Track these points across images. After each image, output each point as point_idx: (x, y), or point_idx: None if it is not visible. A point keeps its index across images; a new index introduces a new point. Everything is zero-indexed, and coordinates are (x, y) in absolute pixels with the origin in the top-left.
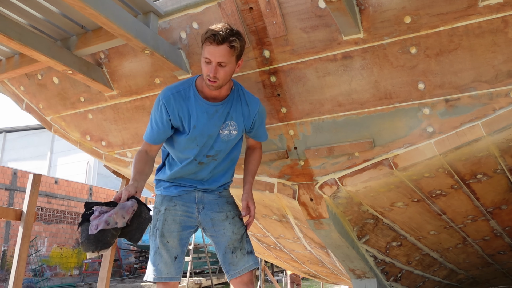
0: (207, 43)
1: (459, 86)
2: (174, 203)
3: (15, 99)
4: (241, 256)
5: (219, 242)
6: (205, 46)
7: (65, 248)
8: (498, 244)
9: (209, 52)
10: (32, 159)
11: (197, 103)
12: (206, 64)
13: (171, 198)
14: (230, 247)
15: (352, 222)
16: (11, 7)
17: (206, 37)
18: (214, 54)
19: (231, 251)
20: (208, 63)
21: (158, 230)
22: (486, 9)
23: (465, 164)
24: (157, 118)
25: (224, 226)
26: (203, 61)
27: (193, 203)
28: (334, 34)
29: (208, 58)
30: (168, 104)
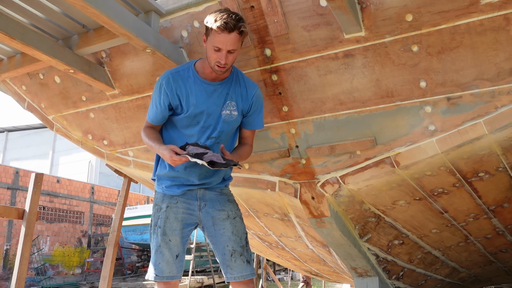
0: (217, 31)
1: (461, 84)
2: (176, 200)
3: (17, 98)
4: (240, 262)
5: (218, 242)
6: (214, 34)
7: (67, 247)
8: (500, 242)
9: (219, 41)
10: (34, 158)
11: (196, 83)
12: (215, 52)
13: (172, 196)
14: (229, 249)
15: (354, 220)
16: (12, 7)
17: (217, 26)
18: (225, 43)
19: (230, 253)
20: (217, 51)
21: (159, 228)
22: (488, 6)
23: (467, 162)
24: (157, 99)
25: (224, 226)
26: (212, 48)
27: (195, 200)
28: (335, 32)
29: (218, 47)
30: (167, 84)
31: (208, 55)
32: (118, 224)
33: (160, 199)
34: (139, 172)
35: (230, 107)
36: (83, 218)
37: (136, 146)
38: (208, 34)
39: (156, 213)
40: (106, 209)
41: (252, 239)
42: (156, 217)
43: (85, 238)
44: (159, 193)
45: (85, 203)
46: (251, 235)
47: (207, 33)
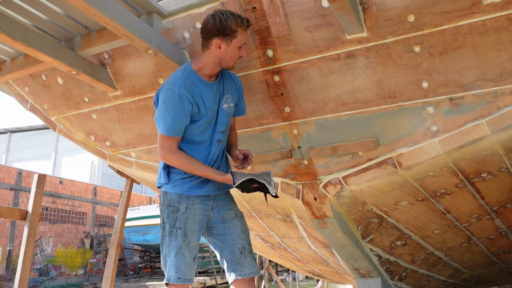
0: (243, 29)
1: (463, 84)
2: (193, 202)
3: (20, 99)
4: (250, 260)
5: (227, 240)
6: (241, 33)
7: (70, 248)
8: (503, 243)
9: (245, 37)
10: (36, 159)
11: (204, 86)
12: (239, 50)
13: (189, 197)
14: (239, 247)
15: (356, 221)
16: (15, 8)
17: (243, 27)
18: (246, 38)
19: (239, 251)
20: (240, 48)
21: (179, 229)
22: (490, 7)
23: (470, 163)
24: (180, 110)
25: (234, 224)
26: (236, 47)
27: (209, 201)
28: (337, 33)
29: (244, 43)
30: (186, 92)
31: (231, 56)
32: (121, 225)
33: (176, 200)
34: (142, 173)
35: (228, 100)
36: (85, 219)
37: (138, 147)
38: (233, 37)
39: (172, 214)
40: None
41: (254, 240)
42: (173, 219)
43: (88, 239)
44: (172, 193)
45: (88, 204)
46: (254, 236)
47: (231, 37)
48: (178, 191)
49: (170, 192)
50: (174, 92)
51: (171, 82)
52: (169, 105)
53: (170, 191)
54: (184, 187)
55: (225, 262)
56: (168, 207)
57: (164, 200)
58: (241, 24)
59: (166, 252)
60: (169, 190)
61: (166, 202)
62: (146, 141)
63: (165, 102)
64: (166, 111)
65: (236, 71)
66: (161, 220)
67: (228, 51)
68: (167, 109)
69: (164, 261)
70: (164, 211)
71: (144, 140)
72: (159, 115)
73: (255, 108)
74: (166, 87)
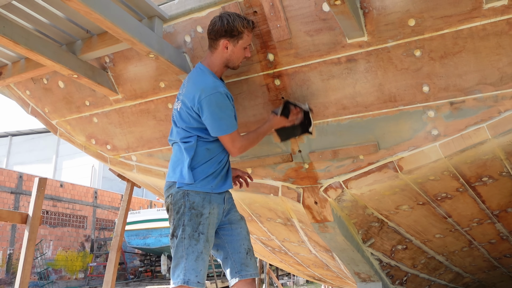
0: (249, 30)
1: (464, 88)
2: (213, 207)
3: (21, 103)
4: (254, 260)
5: (233, 241)
6: (247, 34)
7: (70, 252)
8: (504, 247)
9: (250, 39)
10: (37, 162)
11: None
12: (244, 50)
13: (210, 200)
14: (245, 248)
15: (357, 225)
16: (17, 12)
17: (247, 26)
18: (251, 38)
19: (245, 251)
20: (245, 48)
21: (202, 234)
22: (491, 11)
23: (471, 167)
24: (231, 107)
25: (241, 225)
26: (242, 47)
27: (222, 204)
28: (338, 37)
29: (249, 43)
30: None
31: (237, 56)
32: (121, 229)
33: (200, 203)
34: (142, 176)
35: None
36: (86, 222)
37: (139, 151)
38: (239, 38)
39: (196, 218)
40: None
41: (255, 243)
42: (196, 223)
43: (88, 243)
44: (196, 196)
45: (88, 208)
46: (254, 240)
47: (238, 38)
48: (208, 189)
49: (193, 194)
50: (221, 93)
51: (212, 86)
52: (223, 106)
53: (198, 189)
54: (212, 185)
55: (230, 263)
56: (190, 210)
57: (186, 201)
58: (247, 25)
59: (182, 254)
60: (197, 189)
61: (188, 204)
62: (147, 145)
63: (217, 105)
64: (223, 112)
65: (237, 74)
66: (180, 222)
67: (234, 52)
68: (223, 110)
69: (177, 263)
70: (185, 213)
71: (145, 144)
72: (218, 119)
73: (256, 112)
74: (210, 92)
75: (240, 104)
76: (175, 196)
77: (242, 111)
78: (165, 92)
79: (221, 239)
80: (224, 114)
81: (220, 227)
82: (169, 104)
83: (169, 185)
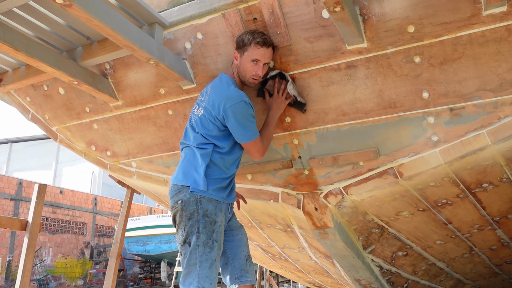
0: (257, 46)
1: (464, 94)
2: (223, 215)
3: (21, 109)
4: (252, 267)
5: (234, 247)
6: (254, 47)
7: (69, 258)
8: (505, 254)
9: (259, 54)
10: (37, 169)
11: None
12: (252, 65)
13: (221, 209)
14: (245, 254)
15: (358, 231)
16: (18, 19)
17: (257, 41)
18: (264, 56)
19: (245, 258)
20: (255, 64)
21: (216, 242)
22: (490, 18)
23: (471, 173)
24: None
25: (241, 232)
26: (249, 61)
27: (227, 212)
28: (337, 43)
29: (258, 59)
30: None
31: (244, 69)
32: (121, 235)
33: (213, 211)
34: (142, 183)
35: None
36: (85, 229)
37: (139, 157)
38: (245, 50)
39: (210, 225)
40: (108, 220)
41: (255, 250)
42: (211, 230)
43: (88, 249)
44: (209, 204)
45: (88, 214)
46: (254, 246)
47: (243, 49)
48: (220, 198)
49: (206, 202)
50: (246, 103)
51: (236, 95)
52: (247, 114)
53: (211, 196)
54: (224, 195)
55: (230, 269)
56: (204, 217)
57: (199, 209)
58: (253, 39)
59: (195, 261)
60: (211, 196)
61: (202, 212)
62: (147, 151)
63: (243, 114)
64: (248, 120)
65: None
66: (194, 229)
67: (241, 63)
68: (248, 118)
69: (190, 270)
70: (199, 221)
71: (145, 150)
72: (244, 127)
73: (256, 118)
74: (235, 101)
75: None
76: (186, 202)
77: None
78: (165, 98)
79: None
80: (249, 122)
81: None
82: (169, 111)
83: (178, 190)
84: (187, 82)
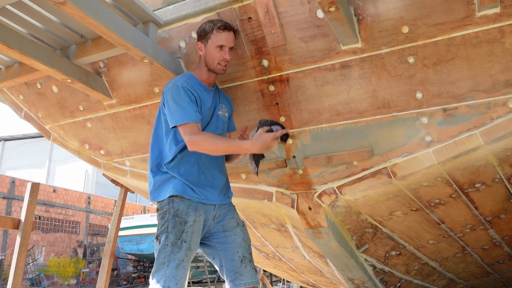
0: (219, 31)
1: (457, 95)
2: (199, 213)
3: (14, 107)
4: (250, 269)
5: (227, 248)
6: (216, 33)
7: (62, 257)
8: (497, 254)
9: (223, 39)
10: (30, 167)
11: (202, 89)
12: (218, 51)
13: (196, 207)
14: (239, 255)
15: (351, 231)
16: (11, 17)
17: (218, 26)
18: (228, 40)
19: (240, 259)
20: (220, 50)
21: (185, 243)
22: (483, 19)
23: (464, 173)
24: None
25: (235, 233)
26: (214, 48)
27: (212, 211)
28: (332, 43)
29: (222, 44)
30: (189, 87)
31: (210, 57)
32: (114, 234)
33: (184, 211)
34: (136, 182)
35: (222, 109)
36: (79, 228)
37: (133, 156)
38: (208, 38)
39: (179, 225)
40: (102, 219)
41: None
42: (180, 230)
43: (81, 248)
44: (181, 203)
45: (81, 213)
46: None
47: (206, 38)
48: (194, 197)
49: (178, 201)
50: (178, 87)
51: (173, 81)
52: (177, 98)
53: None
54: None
55: (225, 271)
56: (174, 217)
57: (170, 208)
58: (214, 25)
59: (164, 260)
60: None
61: (173, 211)
62: (140, 150)
63: (172, 97)
64: (176, 104)
65: (231, 80)
66: (164, 228)
67: (207, 52)
68: (176, 102)
69: (158, 268)
70: (169, 220)
71: (138, 149)
72: (170, 110)
73: (250, 117)
74: (169, 87)
75: (235, 109)
76: (162, 202)
77: (237, 117)
78: (159, 97)
79: (215, 247)
80: (177, 105)
81: (213, 235)
82: None
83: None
84: None
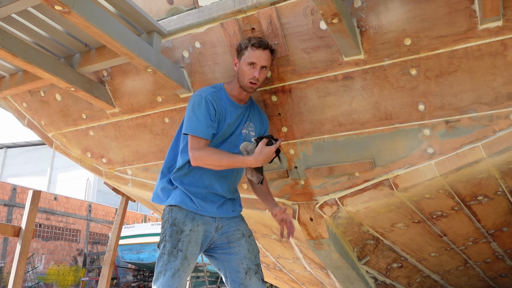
0: (252, 48)
1: (459, 107)
2: (197, 223)
3: (17, 115)
4: (256, 280)
5: (232, 260)
6: (250, 50)
7: (62, 266)
8: (500, 267)
9: (255, 56)
10: (32, 175)
11: (228, 104)
12: (249, 68)
13: (194, 217)
14: (244, 267)
15: (353, 242)
16: (16, 25)
17: (252, 43)
18: (260, 58)
19: (244, 271)
20: (252, 67)
21: (180, 252)
22: (485, 32)
23: (466, 186)
24: (205, 113)
25: (240, 244)
26: (246, 64)
27: (213, 222)
28: (335, 55)
29: (254, 62)
30: (212, 100)
31: (242, 73)
32: (115, 243)
33: (181, 220)
34: (137, 190)
35: (249, 128)
36: (79, 236)
37: (134, 165)
38: (242, 54)
39: (176, 234)
40: (103, 227)
41: None
42: (176, 239)
43: (81, 257)
44: (177, 211)
45: (82, 221)
46: None
47: (241, 54)
48: (191, 208)
49: (177, 210)
50: (202, 97)
51: (201, 90)
52: (196, 108)
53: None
54: (198, 206)
55: (230, 283)
56: (172, 226)
57: (169, 217)
58: (249, 42)
59: (161, 269)
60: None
61: (171, 221)
62: (142, 159)
63: (192, 106)
64: (193, 113)
65: None
66: (163, 237)
67: (239, 68)
68: (194, 112)
69: (157, 277)
70: (167, 229)
71: (140, 158)
72: (186, 118)
73: None
74: (195, 94)
75: None
76: (164, 210)
77: None
78: (162, 106)
79: (220, 258)
80: (193, 115)
81: (218, 247)
82: (166, 119)
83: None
84: (184, 91)
